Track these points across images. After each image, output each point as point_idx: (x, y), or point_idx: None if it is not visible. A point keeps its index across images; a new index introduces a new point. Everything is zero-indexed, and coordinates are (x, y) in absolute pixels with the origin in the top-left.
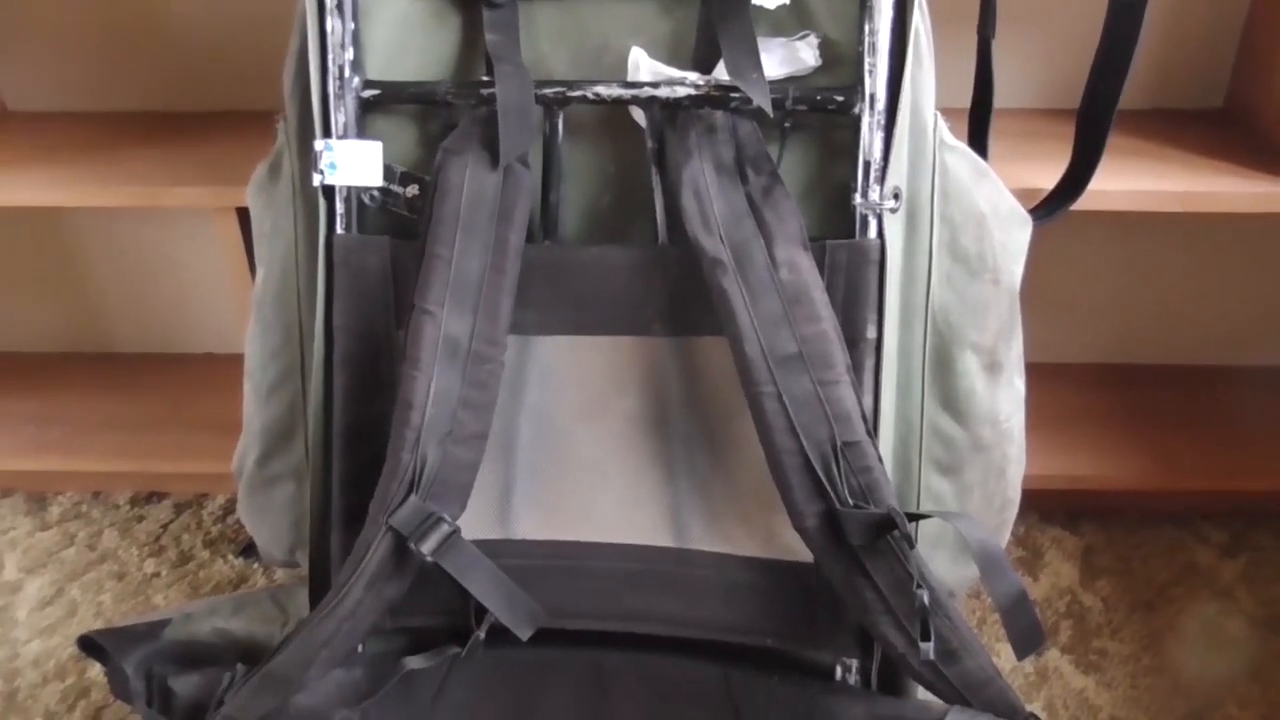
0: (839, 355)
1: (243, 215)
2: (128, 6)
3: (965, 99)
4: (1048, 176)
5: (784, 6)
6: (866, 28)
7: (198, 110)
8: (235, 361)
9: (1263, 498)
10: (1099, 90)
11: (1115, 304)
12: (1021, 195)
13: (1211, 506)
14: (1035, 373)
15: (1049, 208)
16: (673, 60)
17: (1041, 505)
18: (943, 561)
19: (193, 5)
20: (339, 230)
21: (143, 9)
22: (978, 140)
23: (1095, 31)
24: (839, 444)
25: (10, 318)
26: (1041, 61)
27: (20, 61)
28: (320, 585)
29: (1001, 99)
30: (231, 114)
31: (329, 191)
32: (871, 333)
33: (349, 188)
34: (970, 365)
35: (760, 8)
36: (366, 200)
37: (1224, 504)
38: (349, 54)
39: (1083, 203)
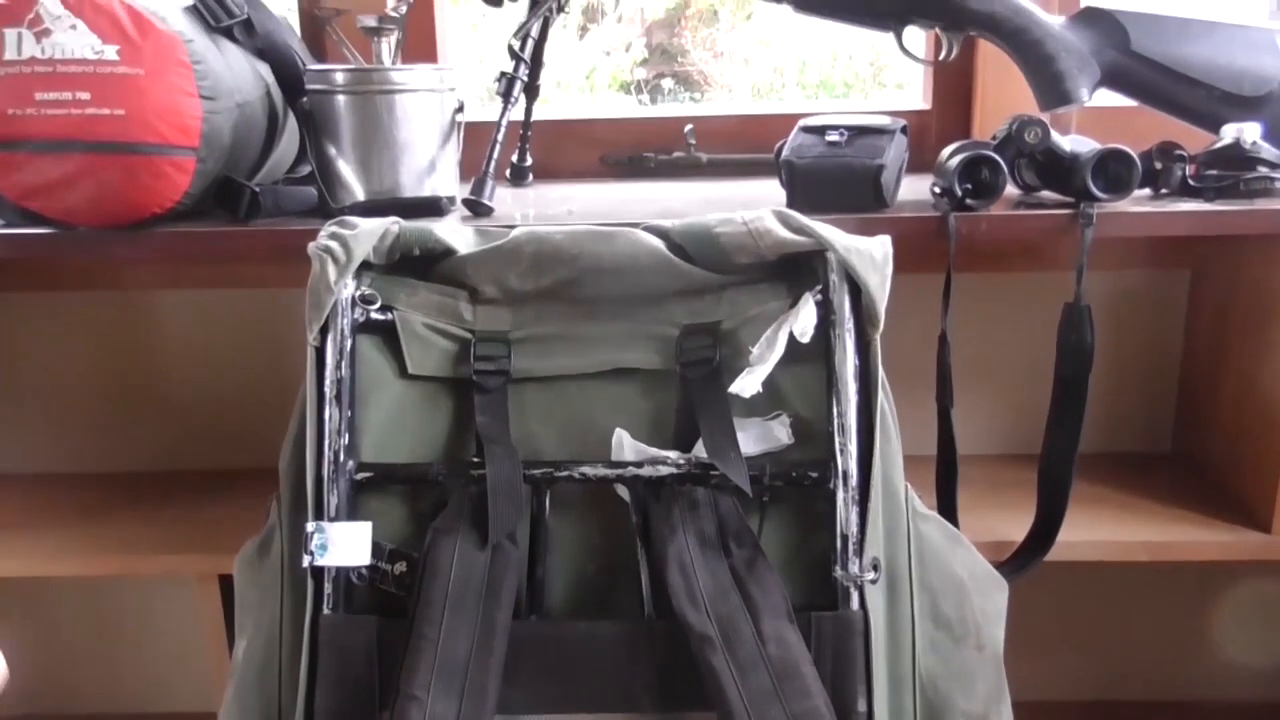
0: None
1: (224, 580)
2: (121, 367)
3: (925, 448)
4: (1015, 527)
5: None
6: (835, 409)
7: (187, 469)
8: None
9: None
10: (1056, 448)
11: (1092, 641)
12: (992, 547)
13: None
14: (1019, 711)
15: (1019, 562)
16: (654, 439)
17: None
18: None
19: (186, 366)
20: (326, 610)
21: (136, 370)
22: (947, 505)
23: (1046, 380)
24: None
25: None
26: (999, 412)
27: (12, 425)
28: None
29: (964, 447)
30: (221, 473)
31: (317, 572)
32: (862, 705)
33: (337, 567)
34: None
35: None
36: (354, 579)
37: None
38: (344, 440)
39: (1052, 554)
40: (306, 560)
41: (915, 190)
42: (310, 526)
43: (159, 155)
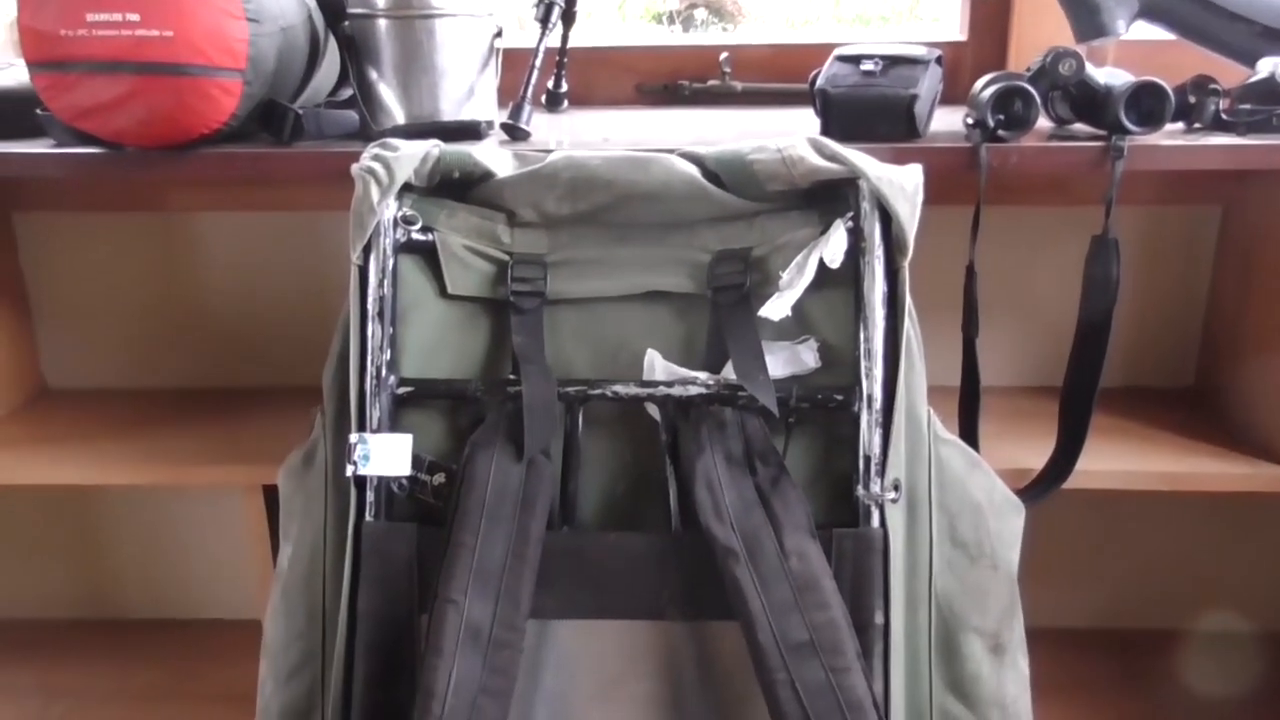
0: (849, 642)
1: (268, 491)
2: (167, 287)
3: (949, 378)
4: (1036, 456)
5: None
6: (862, 334)
7: (232, 386)
8: (243, 628)
9: None
10: (1078, 379)
11: (1108, 570)
12: (1011, 475)
13: None
14: (1034, 637)
15: (1039, 489)
16: (684, 360)
17: None
18: None
19: (230, 287)
20: (368, 517)
21: (182, 290)
22: (968, 432)
23: (1071, 315)
24: None
25: (23, 584)
26: (1023, 345)
27: (61, 341)
28: None
29: (988, 378)
30: (263, 390)
31: (360, 481)
32: (879, 618)
33: (379, 477)
34: (975, 649)
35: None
36: (395, 489)
37: None
38: (386, 355)
39: (1071, 482)
40: (350, 469)
41: (949, 123)
42: (353, 437)
43: (206, 77)
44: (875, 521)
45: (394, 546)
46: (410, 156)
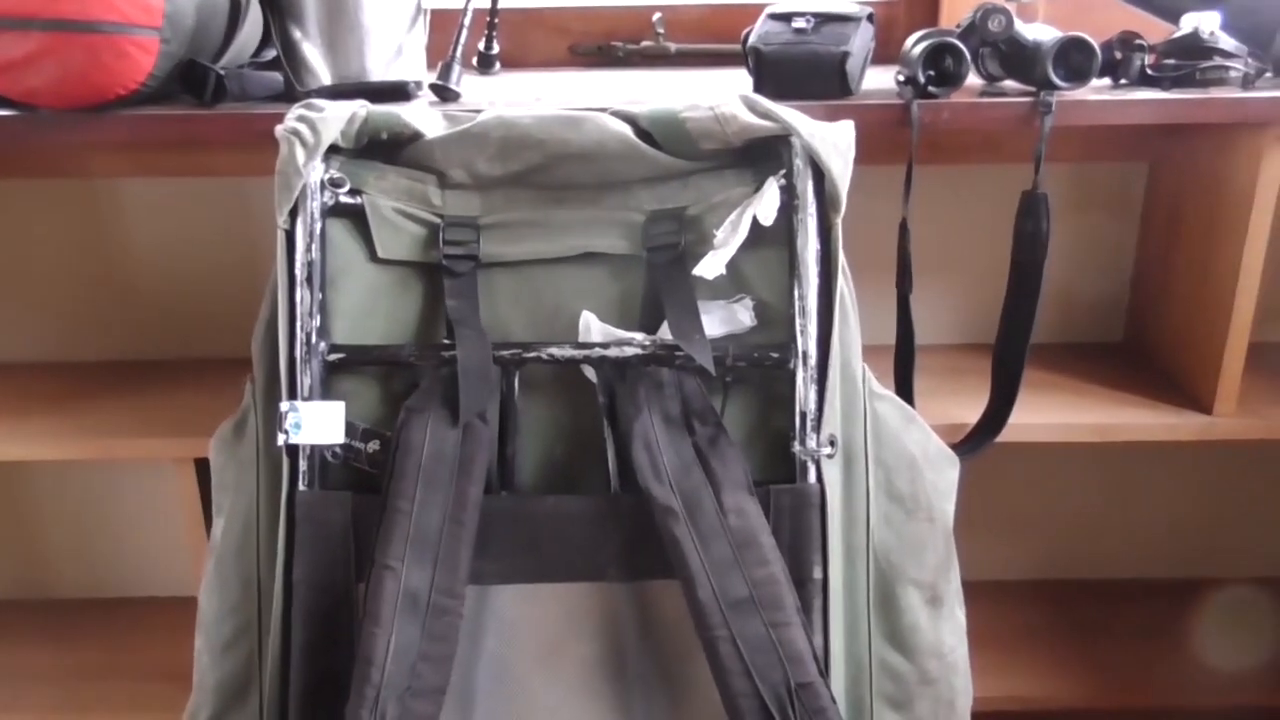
0: (789, 597)
1: (200, 464)
2: (90, 257)
3: (885, 336)
4: (970, 411)
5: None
6: (796, 292)
7: (160, 359)
8: (178, 605)
9: (1204, 712)
10: (1011, 334)
11: (1042, 523)
12: (947, 430)
13: None
14: (971, 590)
15: (973, 443)
16: (621, 322)
17: None
18: None
19: (156, 255)
20: (301, 486)
21: (106, 259)
22: (903, 388)
23: (1004, 272)
24: (793, 686)
25: None
26: (957, 303)
27: None
28: None
29: (922, 336)
30: (193, 361)
31: (292, 450)
32: (818, 573)
33: (312, 445)
34: (913, 600)
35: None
36: (329, 457)
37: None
38: (316, 321)
39: (1004, 436)
40: (281, 439)
41: (881, 81)
42: (284, 406)
43: (120, 34)
44: (812, 477)
45: (329, 515)
46: (336, 117)
